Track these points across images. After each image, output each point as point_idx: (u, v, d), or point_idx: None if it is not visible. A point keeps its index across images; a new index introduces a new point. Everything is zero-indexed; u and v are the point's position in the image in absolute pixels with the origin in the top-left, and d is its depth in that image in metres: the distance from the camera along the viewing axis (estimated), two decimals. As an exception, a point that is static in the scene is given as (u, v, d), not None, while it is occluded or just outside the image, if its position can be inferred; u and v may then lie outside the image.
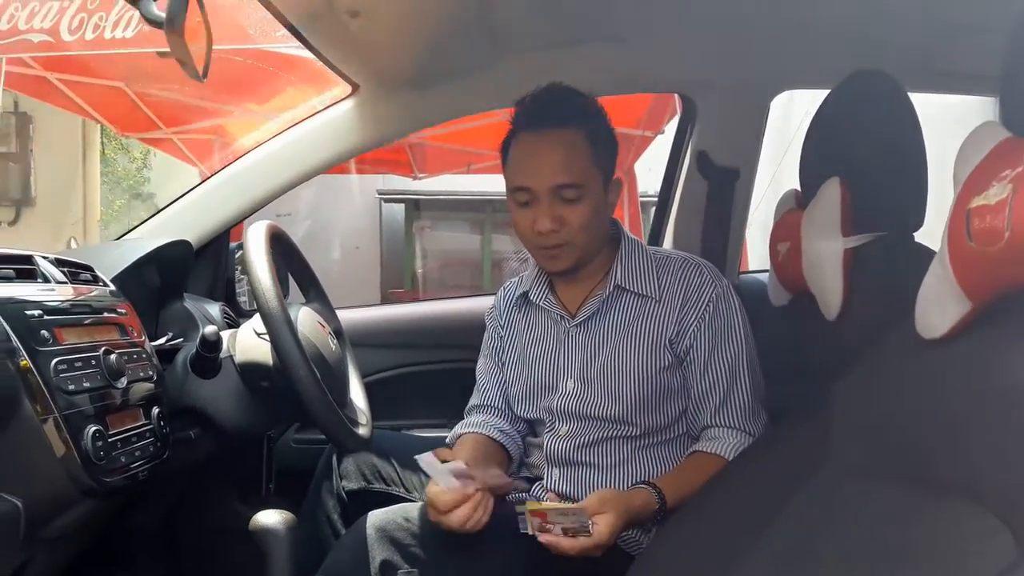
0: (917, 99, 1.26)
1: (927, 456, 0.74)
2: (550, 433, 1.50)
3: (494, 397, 1.60)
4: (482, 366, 1.65)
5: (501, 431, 1.55)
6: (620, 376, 1.42)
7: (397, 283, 8.05)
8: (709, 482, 1.15)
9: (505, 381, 1.59)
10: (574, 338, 1.48)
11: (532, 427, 1.58)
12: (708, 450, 1.38)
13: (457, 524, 1.23)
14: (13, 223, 6.83)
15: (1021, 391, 0.65)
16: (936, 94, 1.93)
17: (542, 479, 1.51)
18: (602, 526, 1.19)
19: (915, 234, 1.25)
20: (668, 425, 1.45)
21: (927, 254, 1.19)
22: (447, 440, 1.60)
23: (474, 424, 1.56)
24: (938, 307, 0.76)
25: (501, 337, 1.61)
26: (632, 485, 1.35)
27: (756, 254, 3.24)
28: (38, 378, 1.03)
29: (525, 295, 1.55)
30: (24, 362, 1.02)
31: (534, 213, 1.39)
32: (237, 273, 2.01)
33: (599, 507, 1.21)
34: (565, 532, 1.19)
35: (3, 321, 1.02)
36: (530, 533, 1.20)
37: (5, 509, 0.98)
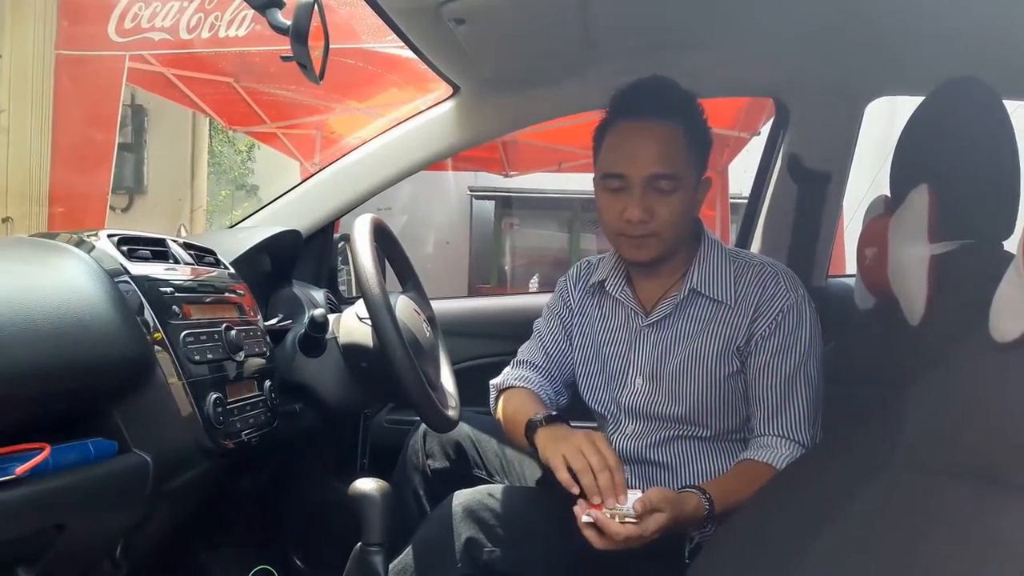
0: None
1: (994, 456, 0.77)
2: (617, 432, 1.52)
3: (553, 358, 1.61)
4: (543, 325, 1.66)
5: (549, 399, 1.58)
6: (689, 379, 1.44)
7: (485, 279, 8.18)
8: (780, 476, 1.17)
9: (575, 364, 1.61)
10: (646, 336, 1.49)
11: (599, 420, 1.60)
12: (758, 458, 1.37)
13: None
14: (126, 210, 7.23)
15: None
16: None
17: None
18: (651, 521, 1.18)
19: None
20: (738, 428, 1.46)
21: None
22: (495, 382, 1.63)
23: (529, 381, 1.59)
24: (1012, 311, 0.78)
25: (571, 311, 1.62)
26: (681, 488, 1.33)
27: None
28: (169, 347, 1.15)
29: (601, 284, 1.57)
30: (158, 333, 1.14)
31: (625, 201, 1.40)
32: (339, 262, 2.13)
33: (656, 503, 1.20)
34: (612, 518, 1.20)
35: (142, 296, 1.15)
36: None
37: (137, 463, 1.09)
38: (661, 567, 1.29)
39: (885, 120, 2.02)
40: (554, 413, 1.41)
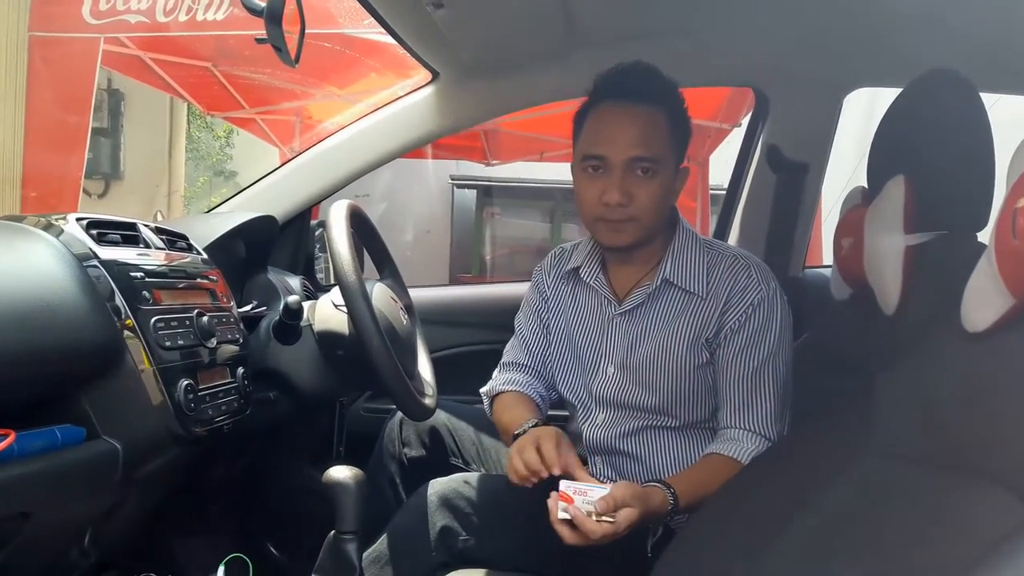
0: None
1: (963, 443, 0.77)
2: (588, 422, 1.52)
3: (536, 355, 1.61)
4: (523, 321, 1.64)
5: (541, 396, 1.58)
6: (659, 370, 1.43)
7: (466, 268, 8.16)
8: (753, 466, 1.17)
9: (550, 352, 1.60)
10: (618, 325, 1.49)
11: (570, 410, 1.60)
12: (724, 452, 1.37)
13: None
14: (102, 196, 7.14)
15: None
16: (1013, 95, 1.90)
17: (586, 464, 1.53)
18: (622, 517, 1.18)
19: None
20: (707, 419, 1.46)
21: (987, 253, 1.20)
22: (484, 390, 1.62)
23: (517, 383, 1.58)
24: (983, 301, 0.79)
25: (546, 301, 1.61)
26: (647, 481, 1.33)
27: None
28: (139, 333, 1.14)
29: (576, 271, 1.56)
30: (128, 319, 1.13)
31: (604, 184, 1.38)
32: (316, 250, 2.11)
33: (625, 500, 1.20)
34: (589, 515, 1.19)
35: (111, 281, 1.13)
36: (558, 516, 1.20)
37: (107, 450, 1.08)
38: (627, 557, 1.29)
39: (865, 116, 2.03)
40: (537, 423, 1.40)
